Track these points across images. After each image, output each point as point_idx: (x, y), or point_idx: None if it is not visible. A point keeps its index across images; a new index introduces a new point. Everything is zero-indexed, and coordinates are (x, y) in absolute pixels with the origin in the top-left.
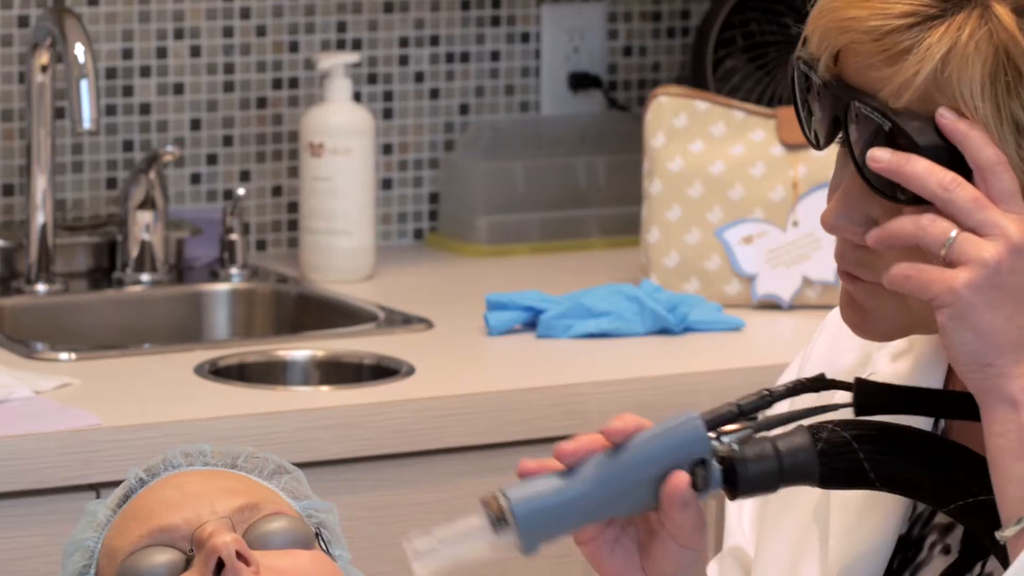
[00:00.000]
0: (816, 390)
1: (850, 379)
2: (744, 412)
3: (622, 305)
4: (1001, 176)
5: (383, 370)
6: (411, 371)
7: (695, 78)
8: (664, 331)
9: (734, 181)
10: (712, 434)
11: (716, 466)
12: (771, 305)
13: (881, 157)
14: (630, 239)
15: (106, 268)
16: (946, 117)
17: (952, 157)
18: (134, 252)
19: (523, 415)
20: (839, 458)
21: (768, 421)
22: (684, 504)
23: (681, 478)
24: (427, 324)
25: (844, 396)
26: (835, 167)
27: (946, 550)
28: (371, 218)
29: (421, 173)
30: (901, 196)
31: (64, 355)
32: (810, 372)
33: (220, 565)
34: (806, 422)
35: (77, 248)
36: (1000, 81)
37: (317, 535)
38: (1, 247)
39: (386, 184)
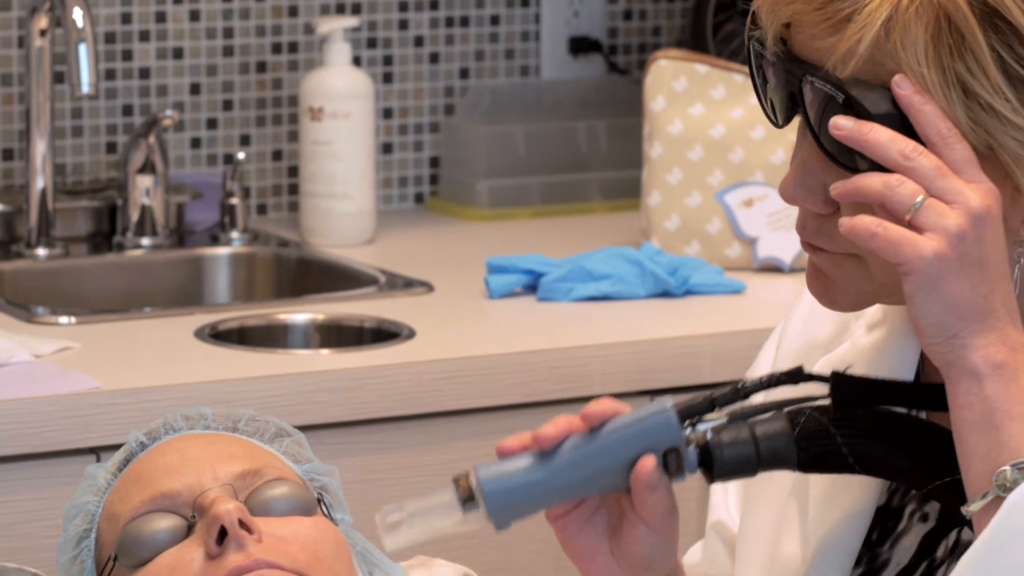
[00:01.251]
0: (793, 383)
1: (828, 350)
2: (718, 404)
3: (623, 268)
4: (954, 147)
5: (384, 333)
6: (412, 334)
7: (695, 41)
8: (665, 294)
9: (734, 144)
10: (688, 423)
11: (691, 451)
12: (772, 268)
13: (843, 125)
14: (630, 203)
15: (106, 232)
16: (902, 88)
17: (907, 126)
18: (134, 216)
19: (524, 378)
20: (817, 443)
21: (744, 411)
22: (652, 487)
23: (649, 461)
24: (428, 288)
25: (821, 386)
26: (796, 138)
27: (923, 518)
28: (371, 182)
29: (421, 137)
30: (862, 166)
31: (64, 319)
32: (789, 344)
33: (222, 533)
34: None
35: (77, 212)
36: (943, 44)
37: (319, 499)
38: (1, 211)
39: (386, 148)
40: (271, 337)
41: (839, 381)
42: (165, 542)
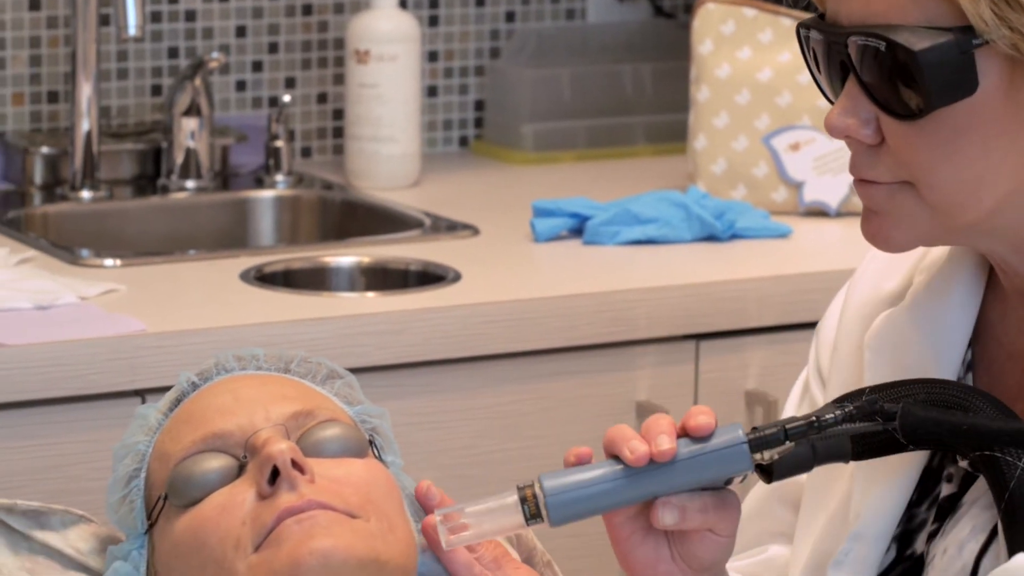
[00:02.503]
0: (867, 420)
1: (892, 305)
2: (790, 438)
3: (669, 212)
4: None
5: (429, 276)
6: (457, 277)
7: None
8: (711, 238)
9: (781, 88)
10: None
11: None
12: (818, 212)
13: None
14: (675, 146)
15: (151, 175)
16: None
17: (948, 59)
18: (179, 159)
19: (569, 321)
20: (870, 436)
21: (811, 440)
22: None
23: (655, 513)
24: (473, 231)
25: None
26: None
27: (948, 478)
28: (417, 125)
29: (467, 80)
30: (902, 111)
31: (109, 261)
32: (855, 301)
33: (274, 473)
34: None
35: (122, 155)
36: None
37: (370, 442)
38: (46, 154)
39: (431, 91)
40: (316, 280)
41: (907, 420)
42: (216, 482)
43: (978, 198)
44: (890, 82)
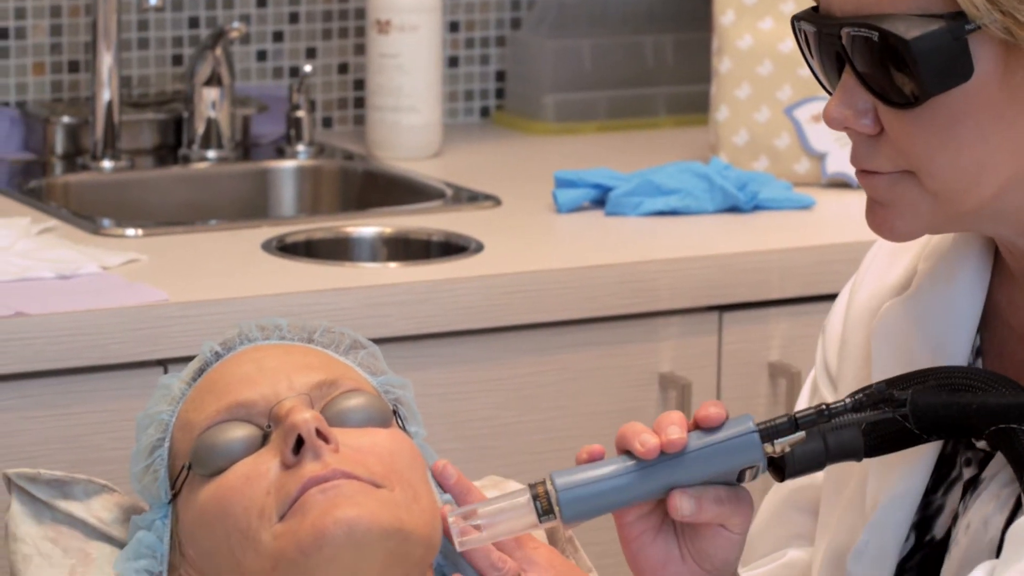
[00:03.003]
0: (876, 408)
1: (897, 295)
2: (799, 426)
3: (692, 183)
4: None
5: (452, 247)
6: (480, 248)
7: None
8: (734, 209)
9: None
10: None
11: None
12: (841, 184)
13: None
14: (696, 117)
15: (172, 145)
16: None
17: (948, 49)
18: (200, 129)
19: (592, 292)
20: (881, 427)
21: (822, 429)
22: (684, 517)
23: (674, 501)
24: (495, 201)
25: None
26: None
27: (968, 462)
28: (438, 95)
29: (488, 51)
30: (898, 99)
31: (131, 231)
32: (863, 293)
33: (299, 442)
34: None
35: (143, 125)
36: None
37: (394, 412)
38: (67, 124)
39: (452, 62)
40: (338, 250)
41: (917, 408)
42: (240, 451)
43: (979, 184)
44: (885, 71)
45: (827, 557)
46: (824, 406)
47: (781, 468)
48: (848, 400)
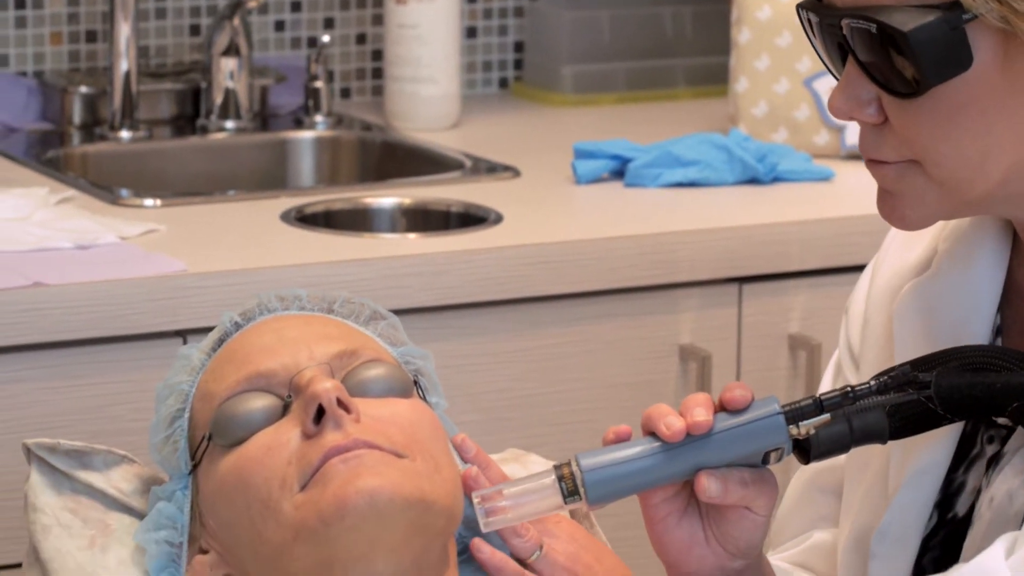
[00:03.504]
0: (901, 390)
1: (917, 275)
2: (824, 408)
3: (711, 154)
4: None
5: (471, 218)
6: (499, 219)
7: None
8: (753, 181)
9: None
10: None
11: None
12: (860, 156)
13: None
14: (715, 89)
15: (190, 115)
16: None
17: (939, 36)
18: (218, 99)
19: (612, 264)
20: (906, 409)
21: (847, 411)
22: (711, 498)
23: (701, 482)
24: (514, 172)
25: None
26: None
27: (990, 439)
28: (456, 66)
29: (506, 22)
30: (900, 89)
31: (149, 201)
32: (883, 275)
33: (320, 412)
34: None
35: (160, 95)
36: None
37: (415, 382)
38: (85, 94)
39: (471, 32)
40: (357, 221)
41: (941, 389)
42: (260, 422)
43: (984, 172)
44: (886, 62)
45: (851, 538)
46: (849, 388)
47: (806, 451)
48: (873, 382)
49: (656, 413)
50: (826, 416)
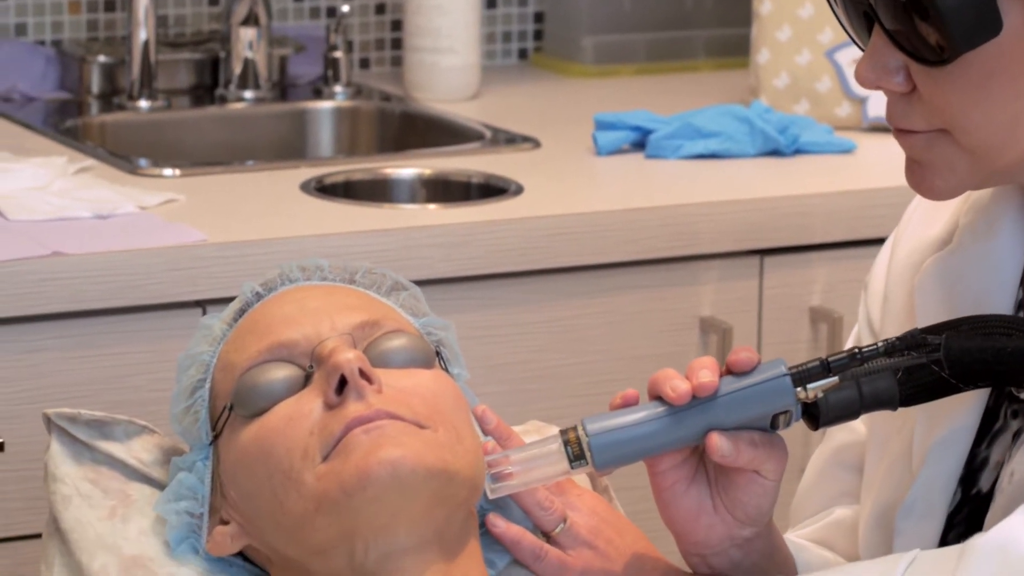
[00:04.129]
0: (909, 350)
1: (939, 250)
2: (831, 370)
3: (732, 126)
4: None
5: (491, 189)
6: (520, 190)
7: None
8: (775, 152)
9: None
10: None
11: (798, 408)
12: (882, 128)
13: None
14: (735, 60)
15: (208, 85)
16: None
17: (968, 1)
18: (237, 69)
19: (632, 235)
20: (917, 375)
21: (856, 372)
22: (724, 458)
23: (713, 441)
24: (534, 143)
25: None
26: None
27: (1015, 414)
28: (476, 36)
29: None
30: (929, 57)
31: (168, 171)
32: (903, 248)
33: (342, 382)
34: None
35: (179, 64)
36: None
37: (436, 353)
38: (103, 63)
39: (491, 3)
40: (376, 192)
41: (951, 352)
42: (282, 392)
43: (1015, 138)
44: (914, 30)
45: (874, 514)
46: (856, 349)
47: (815, 417)
48: (881, 344)
49: (662, 377)
50: (834, 379)
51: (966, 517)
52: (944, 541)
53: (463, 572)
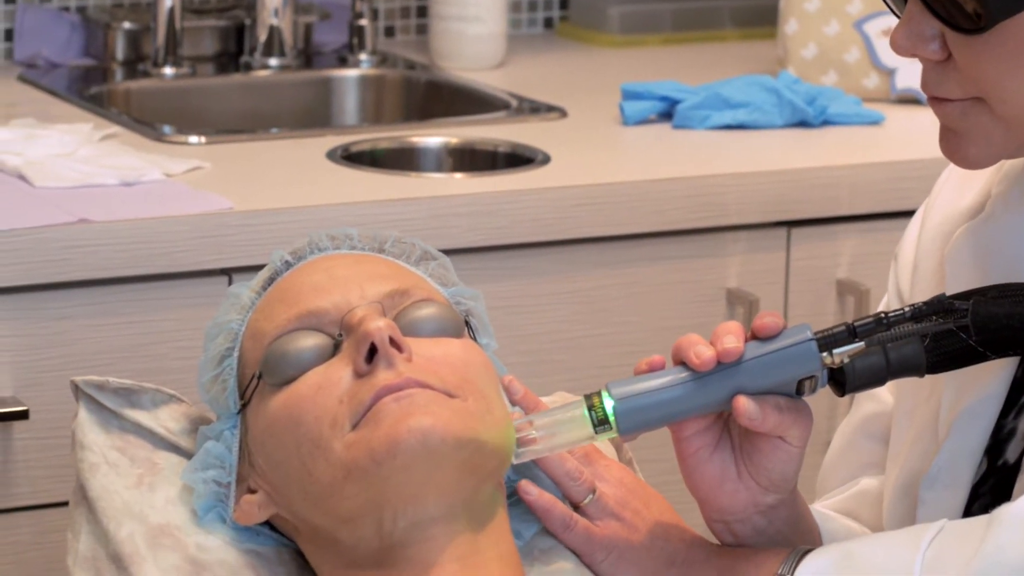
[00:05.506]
0: (935, 314)
1: (971, 219)
2: (857, 334)
3: (760, 96)
4: None
5: (518, 158)
6: (547, 160)
7: None
8: (802, 124)
9: None
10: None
11: (824, 373)
12: (910, 100)
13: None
14: (762, 31)
15: (233, 52)
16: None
17: None
18: (262, 36)
19: (659, 206)
20: (945, 342)
21: (882, 337)
22: (752, 421)
23: (740, 404)
24: (561, 113)
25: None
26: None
27: None
28: (502, 5)
29: None
30: (965, 25)
31: (193, 138)
32: (934, 217)
33: (372, 351)
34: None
35: (204, 31)
36: None
37: (466, 323)
38: (128, 30)
39: None
40: (403, 160)
41: (978, 317)
42: (311, 360)
43: None
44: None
45: (899, 484)
46: (883, 314)
47: (842, 383)
48: (908, 309)
49: (686, 342)
50: (860, 344)
51: (992, 488)
52: (968, 512)
53: (491, 542)
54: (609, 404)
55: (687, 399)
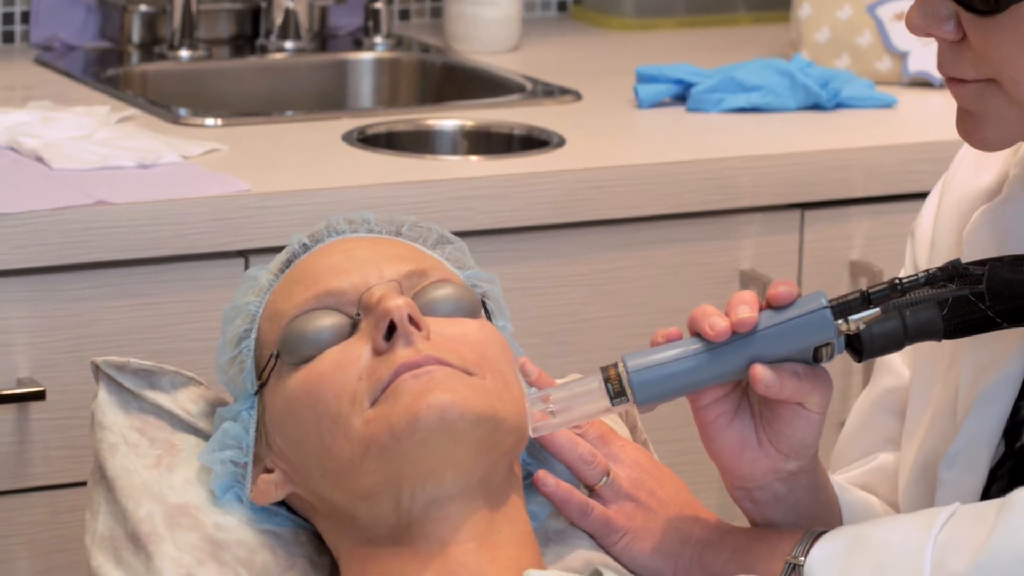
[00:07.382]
0: (949, 279)
1: (989, 199)
2: (872, 301)
3: (774, 80)
4: None
5: (533, 141)
6: (562, 142)
7: None
8: (816, 107)
9: None
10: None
11: (841, 340)
12: (923, 83)
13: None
14: (776, 14)
15: (249, 35)
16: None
17: None
18: (278, 19)
19: (673, 188)
20: (962, 310)
21: (897, 303)
22: (769, 388)
23: (757, 372)
24: (575, 96)
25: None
26: None
27: None
28: None
29: None
30: (979, 6)
31: (210, 121)
32: (951, 196)
33: (390, 329)
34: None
35: (220, 14)
36: None
37: (482, 304)
38: (145, 12)
39: None
40: (418, 143)
41: (993, 282)
42: (329, 339)
43: None
44: None
45: (917, 464)
46: (896, 280)
47: (860, 350)
48: (922, 274)
49: (700, 314)
50: (875, 310)
51: (1010, 470)
52: (987, 494)
53: (507, 521)
54: (625, 375)
55: (703, 369)
